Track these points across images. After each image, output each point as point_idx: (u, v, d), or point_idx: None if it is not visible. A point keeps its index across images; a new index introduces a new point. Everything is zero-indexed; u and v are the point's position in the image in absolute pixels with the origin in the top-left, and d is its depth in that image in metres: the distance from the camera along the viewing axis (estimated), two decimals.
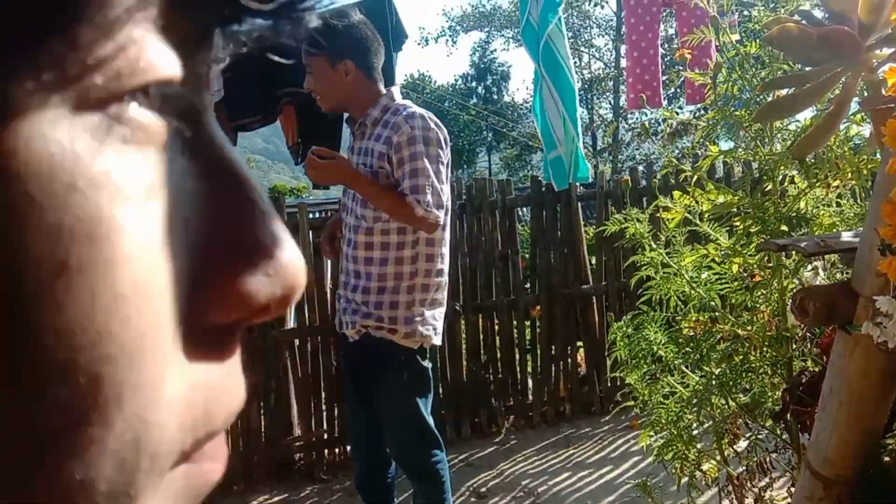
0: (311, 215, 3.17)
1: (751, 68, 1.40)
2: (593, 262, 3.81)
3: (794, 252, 1.22)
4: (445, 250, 1.95)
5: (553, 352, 3.63)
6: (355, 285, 1.90)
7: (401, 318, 1.86)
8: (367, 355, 1.91)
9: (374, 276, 1.86)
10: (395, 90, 1.95)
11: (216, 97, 3.14)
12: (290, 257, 0.21)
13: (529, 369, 3.66)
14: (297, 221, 3.13)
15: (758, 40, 1.35)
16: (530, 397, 3.61)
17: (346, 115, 2.08)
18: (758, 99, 1.39)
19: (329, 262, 3.18)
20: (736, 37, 1.38)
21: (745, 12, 1.90)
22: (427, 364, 1.95)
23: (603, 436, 3.33)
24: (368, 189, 1.82)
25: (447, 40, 23.03)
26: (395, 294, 1.87)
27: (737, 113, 1.39)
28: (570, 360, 3.65)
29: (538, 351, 3.63)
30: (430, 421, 1.96)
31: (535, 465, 3.10)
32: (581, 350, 3.73)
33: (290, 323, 3.27)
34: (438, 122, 1.90)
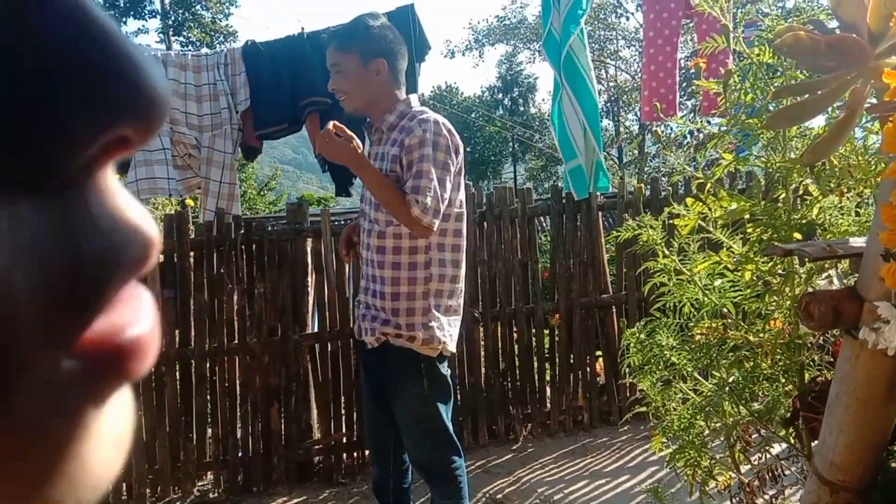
0: (334, 222, 3.22)
1: (764, 77, 1.41)
2: (614, 271, 3.81)
3: (805, 259, 1.23)
4: (460, 257, 1.96)
5: (572, 361, 3.63)
6: (374, 290, 1.92)
7: (418, 324, 1.88)
8: (387, 363, 1.93)
9: (388, 281, 1.88)
10: (414, 98, 1.97)
11: (243, 106, 3.22)
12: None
13: (548, 378, 3.66)
14: (319, 227, 3.19)
15: (770, 48, 1.37)
16: (548, 405, 3.61)
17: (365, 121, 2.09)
18: (770, 107, 1.40)
19: (349, 268, 3.23)
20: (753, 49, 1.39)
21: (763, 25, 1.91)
22: (446, 371, 1.96)
23: (620, 445, 3.32)
24: (371, 176, 1.81)
25: (475, 53, 23.13)
26: (410, 300, 1.88)
27: (749, 121, 1.39)
28: (588, 370, 3.64)
29: (557, 359, 3.63)
30: (450, 427, 1.97)
31: (551, 473, 3.10)
32: (600, 359, 3.72)
33: (311, 327, 3.31)
34: (452, 129, 1.91)
